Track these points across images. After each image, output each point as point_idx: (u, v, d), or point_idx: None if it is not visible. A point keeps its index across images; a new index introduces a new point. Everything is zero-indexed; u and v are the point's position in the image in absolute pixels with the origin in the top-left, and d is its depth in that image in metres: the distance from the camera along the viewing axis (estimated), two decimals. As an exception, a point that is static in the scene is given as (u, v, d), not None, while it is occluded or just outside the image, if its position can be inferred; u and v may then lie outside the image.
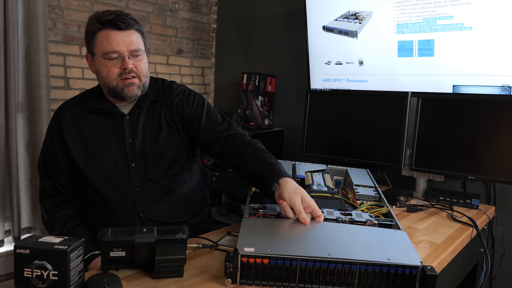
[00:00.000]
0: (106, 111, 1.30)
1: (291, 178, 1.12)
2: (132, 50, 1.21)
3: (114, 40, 1.19)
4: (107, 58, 1.21)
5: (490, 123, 1.58)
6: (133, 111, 1.31)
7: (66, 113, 1.32)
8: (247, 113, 2.62)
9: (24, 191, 2.11)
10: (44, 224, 1.35)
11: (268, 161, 1.19)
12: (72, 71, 2.33)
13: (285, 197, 1.06)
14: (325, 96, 2.04)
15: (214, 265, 1.00)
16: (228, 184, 2.55)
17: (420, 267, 0.86)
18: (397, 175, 1.95)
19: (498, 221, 1.80)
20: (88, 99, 1.34)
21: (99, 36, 1.21)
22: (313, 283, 0.88)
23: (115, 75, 1.22)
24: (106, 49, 1.20)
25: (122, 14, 1.21)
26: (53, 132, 1.33)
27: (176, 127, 1.34)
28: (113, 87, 1.23)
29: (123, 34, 1.20)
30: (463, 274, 1.53)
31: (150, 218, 1.28)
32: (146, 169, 1.29)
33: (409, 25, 1.93)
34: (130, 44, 1.21)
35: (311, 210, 1.06)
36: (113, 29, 1.20)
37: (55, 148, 1.32)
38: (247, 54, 2.95)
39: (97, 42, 1.22)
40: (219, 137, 1.31)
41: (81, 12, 2.34)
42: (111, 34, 1.20)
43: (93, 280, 0.85)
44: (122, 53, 1.20)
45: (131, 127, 1.30)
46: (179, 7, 2.88)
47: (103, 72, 1.23)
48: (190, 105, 1.35)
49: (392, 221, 1.11)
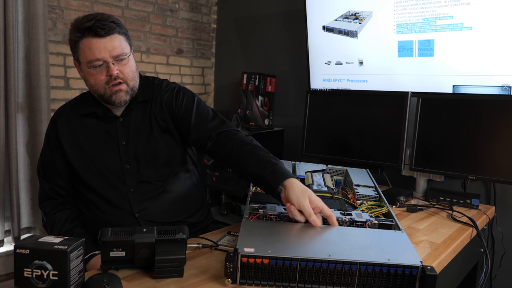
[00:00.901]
0: (100, 114, 1.31)
1: (294, 177, 1.10)
2: (115, 55, 1.19)
3: (96, 48, 1.17)
4: (91, 67, 1.19)
5: (490, 123, 1.58)
6: (125, 113, 1.32)
7: (62, 117, 1.34)
8: (247, 113, 2.62)
9: (24, 191, 2.11)
10: (44, 226, 1.36)
11: (267, 160, 1.15)
12: (72, 71, 2.33)
13: (293, 200, 1.03)
14: (325, 96, 2.04)
15: (214, 265, 1.00)
16: (228, 184, 2.55)
17: (420, 267, 0.86)
18: (397, 175, 1.95)
19: (498, 221, 1.80)
20: (84, 102, 1.35)
21: (82, 44, 1.19)
22: (313, 283, 0.88)
23: (103, 83, 1.21)
24: (89, 58, 1.18)
25: (102, 19, 1.18)
26: (50, 136, 1.34)
27: (166, 126, 1.33)
28: (101, 95, 1.23)
29: (104, 40, 1.18)
30: (463, 274, 1.53)
31: (146, 218, 1.29)
32: (140, 170, 1.30)
33: (409, 25, 1.93)
34: (113, 49, 1.19)
35: (319, 211, 1.04)
36: (94, 36, 1.17)
37: (52, 151, 1.33)
38: (247, 54, 2.95)
39: (80, 51, 1.20)
40: (210, 134, 1.27)
41: (81, 12, 2.34)
42: (92, 42, 1.17)
43: (93, 280, 0.85)
44: (106, 59, 1.18)
45: (124, 129, 1.31)
46: (179, 7, 2.88)
47: (90, 81, 1.23)
48: (179, 102, 1.33)
49: (392, 221, 1.11)
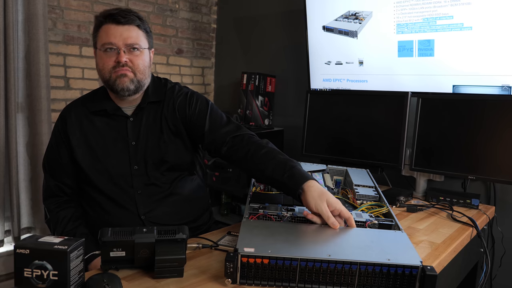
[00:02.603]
0: (110, 113, 1.29)
1: (313, 179, 1.10)
2: (128, 44, 1.22)
3: (112, 34, 1.21)
4: (103, 50, 1.23)
5: (490, 123, 1.58)
6: (136, 113, 1.31)
7: (71, 114, 1.33)
8: (247, 113, 2.62)
9: (24, 191, 2.11)
10: (46, 223, 1.35)
11: (285, 163, 1.15)
12: (72, 71, 2.34)
13: (311, 204, 1.04)
14: (325, 96, 2.04)
15: (214, 265, 1.00)
16: (228, 184, 2.54)
17: (420, 267, 0.86)
18: (397, 175, 1.95)
19: (498, 221, 1.80)
20: (93, 99, 1.34)
21: (101, 30, 1.24)
22: (313, 283, 0.88)
23: (109, 67, 1.23)
24: (104, 41, 1.22)
25: (126, 11, 1.24)
26: (58, 133, 1.33)
27: (177, 131, 1.32)
28: (106, 79, 1.24)
29: (122, 28, 1.22)
30: (463, 274, 1.53)
31: (152, 221, 1.28)
32: (148, 172, 1.29)
33: (409, 25, 1.93)
34: (128, 38, 1.22)
35: (338, 213, 1.05)
36: (113, 23, 1.22)
37: (60, 148, 1.32)
38: (247, 54, 2.95)
39: (99, 36, 1.24)
40: (225, 139, 1.27)
41: (81, 12, 2.34)
42: (110, 28, 1.22)
43: (93, 280, 0.85)
44: (118, 46, 1.21)
45: (134, 129, 1.30)
46: (179, 7, 2.88)
47: (99, 64, 1.25)
48: (193, 107, 1.33)
49: (392, 221, 1.11)
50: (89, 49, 2.39)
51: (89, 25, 2.38)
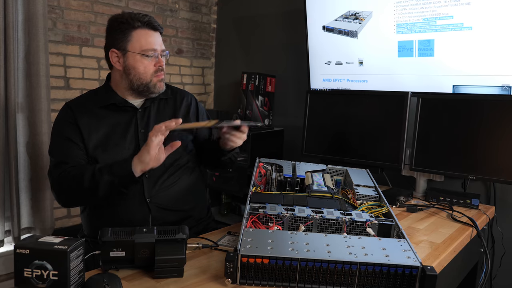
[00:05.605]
0: (119, 105, 1.34)
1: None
2: (163, 49, 1.34)
3: (153, 40, 1.31)
4: (145, 55, 1.29)
5: (490, 123, 1.58)
6: (146, 105, 1.37)
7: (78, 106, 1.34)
8: (247, 113, 2.62)
9: (24, 191, 2.11)
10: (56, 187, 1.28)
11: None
12: (72, 71, 2.33)
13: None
14: (325, 96, 2.04)
15: (214, 265, 1.00)
16: (228, 184, 2.54)
17: (420, 267, 0.86)
18: (397, 175, 1.95)
19: (498, 221, 1.80)
20: (97, 96, 1.38)
21: (136, 33, 1.29)
22: (313, 283, 0.88)
23: (151, 72, 1.32)
24: (145, 47, 1.29)
25: (151, 16, 1.34)
26: (65, 120, 1.31)
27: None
28: (146, 83, 1.32)
29: (158, 35, 1.33)
30: (463, 274, 1.53)
31: (157, 204, 1.31)
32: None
33: (409, 25, 1.93)
34: (162, 45, 1.34)
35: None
36: (151, 29, 1.31)
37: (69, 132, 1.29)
38: (247, 54, 2.95)
39: (134, 40, 1.29)
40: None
41: (81, 12, 2.34)
42: (149, 34, 1.31)
43: (93, 280, 0.85)
44: (158, 52, 1.32)
45: (143, 118, 1.36)
46: (179, 7, 2.88)
47: (139, 68, 1.30)
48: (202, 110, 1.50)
49: (392, 221, 1.11)
50: (89, 49, 2.39)
51: (89, 25, 2.38)
